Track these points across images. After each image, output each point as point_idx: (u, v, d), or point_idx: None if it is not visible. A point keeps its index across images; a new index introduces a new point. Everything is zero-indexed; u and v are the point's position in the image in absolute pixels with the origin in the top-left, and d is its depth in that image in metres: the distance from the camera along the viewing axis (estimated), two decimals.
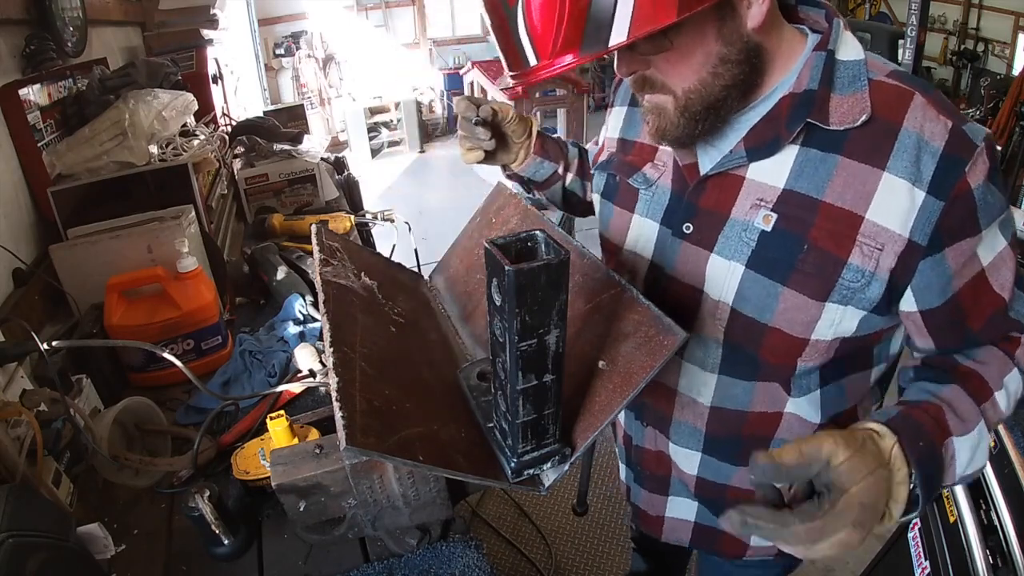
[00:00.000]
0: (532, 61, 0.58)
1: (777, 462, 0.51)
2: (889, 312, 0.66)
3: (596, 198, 0.88)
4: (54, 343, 0.91)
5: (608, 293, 0.69)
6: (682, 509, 0.89)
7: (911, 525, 1.25)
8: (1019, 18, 5.45)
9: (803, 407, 0.74)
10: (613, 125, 0.87)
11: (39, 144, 1.38)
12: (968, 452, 0.61)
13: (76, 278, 1.24)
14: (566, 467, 0.63)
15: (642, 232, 0.79)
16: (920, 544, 1.22)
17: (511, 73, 0.63)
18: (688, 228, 0.72)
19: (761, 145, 0.65)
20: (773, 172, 0.65)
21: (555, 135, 1.01)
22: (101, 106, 1.51)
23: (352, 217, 1.83)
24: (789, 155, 0.64)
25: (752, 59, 0.63)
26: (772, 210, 0.65)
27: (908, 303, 0.65)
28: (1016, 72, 5.47)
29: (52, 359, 0.89)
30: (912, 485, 0.55)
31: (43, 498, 0.76)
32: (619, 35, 0.54)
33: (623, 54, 0.63)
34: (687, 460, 0.83)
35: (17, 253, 1.24)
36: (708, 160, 0.71)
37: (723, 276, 0.69)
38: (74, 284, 1.24)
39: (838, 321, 0.66)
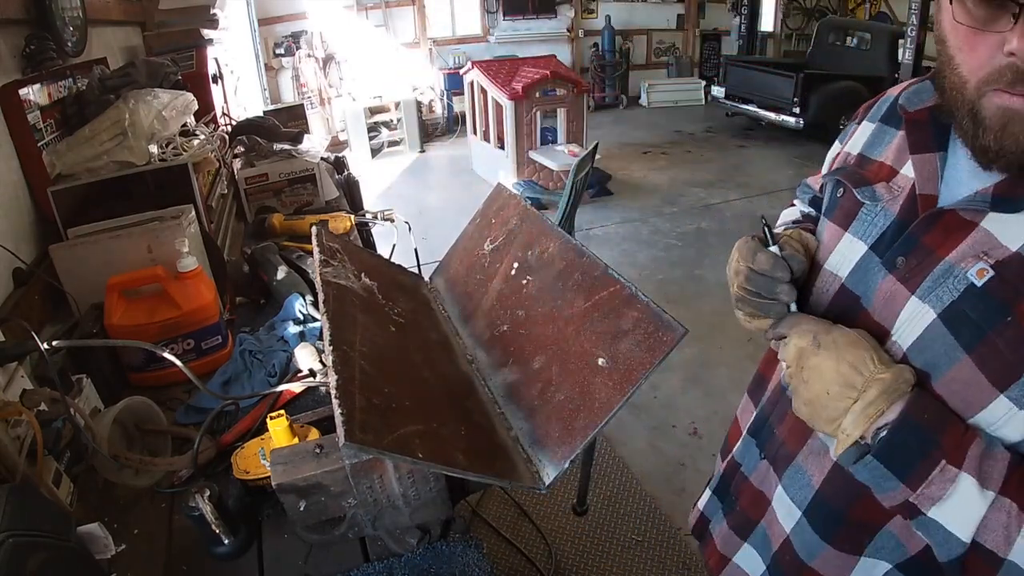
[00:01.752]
0: None
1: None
2: None
3: (821, 219, 0.78)
4: (54, 343, 0.91)
5: (607, 291, 0.69)
6: (751, 563, 0.81)
7: None
8: None
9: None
10: (855, 141, 0.77)
11: (39, 144, 1.38)
12: (961, 508, 0.53)
13: (76, 278, 1.24)
14: (566, 465, 0.63)
15: (847, 254, 0.70)
16: None
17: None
18: (901, 262, 0.63)
19: (1013, 197, 0.56)
20: (1012, 230, 0.56)
21: (801, 223, 0.88)
22: (101, 106, 1.51)
23: (352, 217, 1.83)
24: None
25: None
26: (992, 267, 0.56)
27: None
28: None
29: (52, 359, 0.89)
30: (884, 425, 0.56)
31: (43, 498, 0.76)
32: None
33: None
34: (787, 515, 0.74)
35: (17, 253, 1.24)
36: (948, 194, 0.62)
37: (911, 320, 0.61)
38: (74, 284, 1.24)
39: (1002, 422, 0.55)
